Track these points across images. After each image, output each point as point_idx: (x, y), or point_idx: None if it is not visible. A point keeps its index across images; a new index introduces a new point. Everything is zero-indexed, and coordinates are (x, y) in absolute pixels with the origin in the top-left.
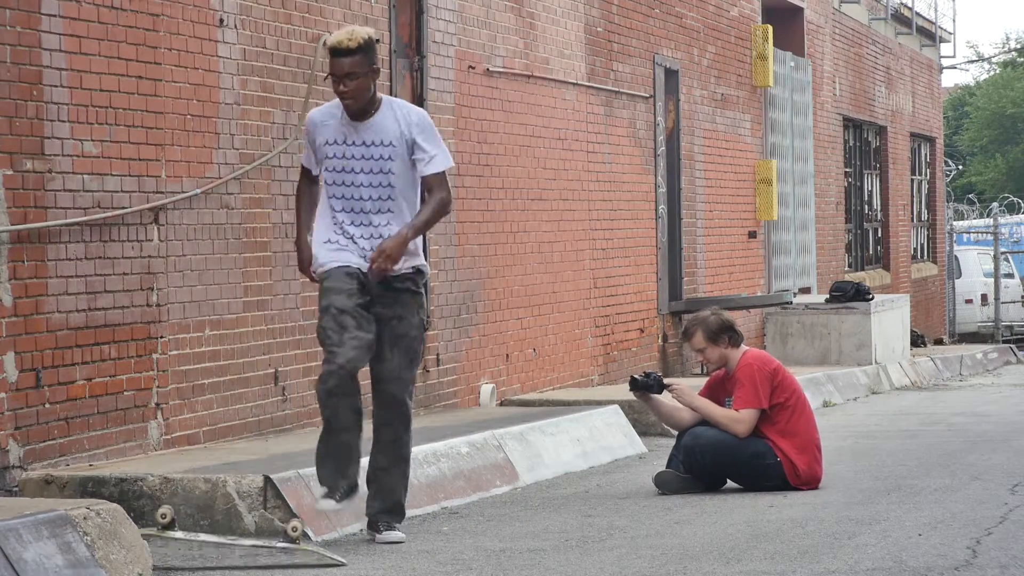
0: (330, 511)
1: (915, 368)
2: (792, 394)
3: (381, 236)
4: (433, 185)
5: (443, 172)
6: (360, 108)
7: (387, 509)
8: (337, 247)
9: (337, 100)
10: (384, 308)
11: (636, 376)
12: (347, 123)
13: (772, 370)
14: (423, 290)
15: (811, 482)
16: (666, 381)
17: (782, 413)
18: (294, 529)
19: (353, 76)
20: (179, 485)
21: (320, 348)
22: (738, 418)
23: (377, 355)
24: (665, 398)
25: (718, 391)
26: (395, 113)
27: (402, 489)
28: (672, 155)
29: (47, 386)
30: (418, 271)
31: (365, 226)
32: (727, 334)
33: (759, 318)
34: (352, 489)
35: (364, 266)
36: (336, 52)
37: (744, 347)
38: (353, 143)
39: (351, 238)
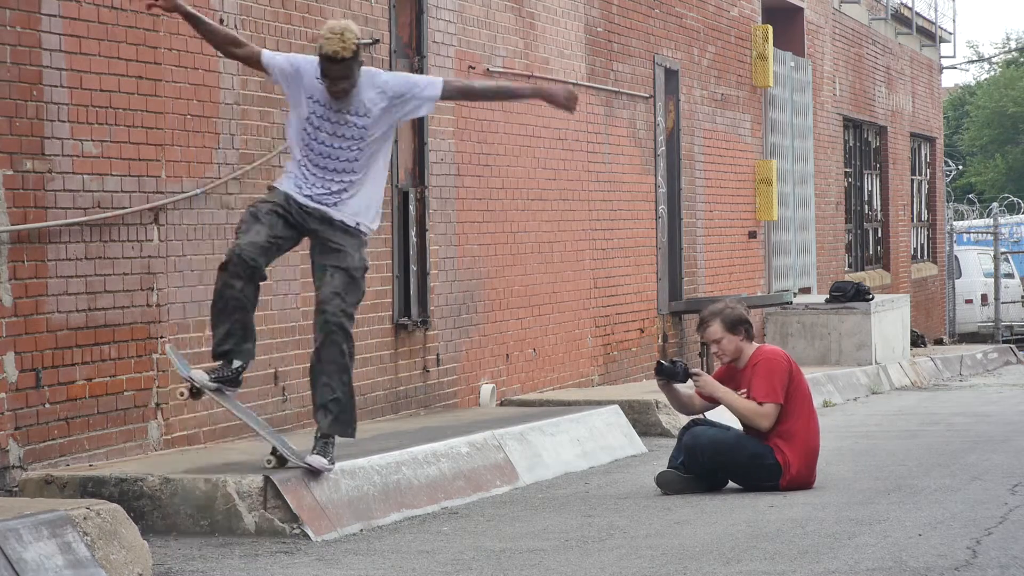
0: (199, 381)
1: (915, 368)
2: (801, 397)
3: (342, 190)
4: (457, 88)
5: (442, 83)
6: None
7: (334, 418)
8: (284, 181)
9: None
10: (327, 241)
11: (663, 362)
12: (328, 95)
13: (788, 367)
14: (363, 242)
15: (803, 487)
16: (691, 370)
17: (789, 415)
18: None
19: (346, 79)
20: (179, 485)
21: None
22: (763, 412)
23: (319, 281)
24: (683, 387)
25: (726, 384)
26: (370, 80)
27: (348, 403)
28: (672, 155)
29: (47, 386)
30: (359, 227)
31: (327, 173)
32: (744, 326)
33: (759, 318)
34: (233, 380)
35: (307, 203)
36: (331, 59)
37: (755, 343)
38: (333, 108)
39: (306, 178)
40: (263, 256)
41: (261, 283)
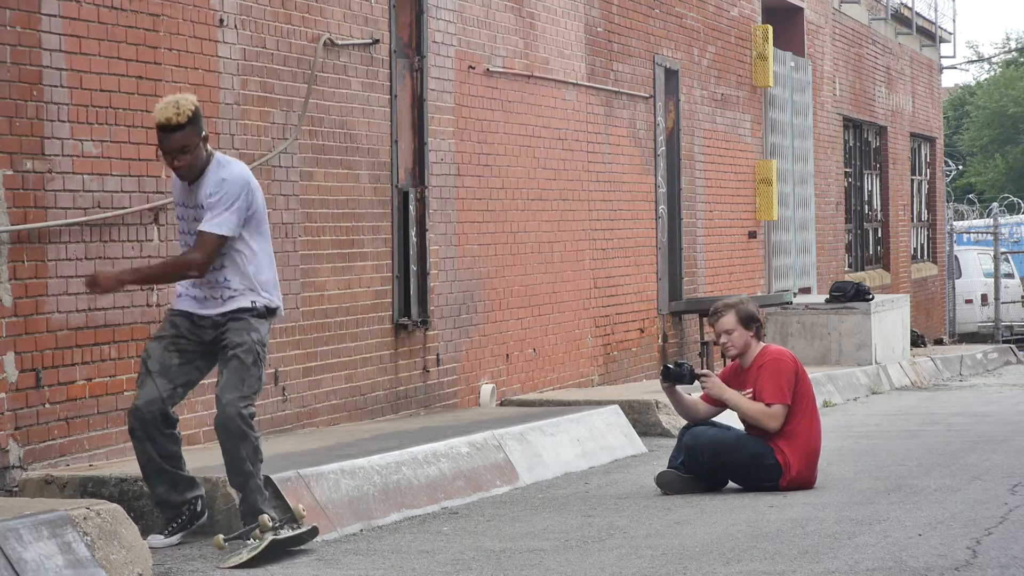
0: (160, 546)
1: (915, 368)
2: (804, 398)
3: (218, 283)
4: (196, 243)
5: (211, 234)
6: (194, 175)
7: (242, 518)
8: (176, 299)
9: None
10: (223, 340)
11: (669, 366)
12: (184, 186)
13: (795, 368)
14: (255, 320)
15: (803, 487)
16: (697, 372)
17: (792, 416)
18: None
19: (186, 150)
20: None
21: (318, 350)
22: (771, 413)
23: (219, 382)
24: (687, 393)
25: (729, 383)
26: (210, 174)
27: (251, 496)
28: (672, 155)
29: (47, 386)
30: (240, 310)
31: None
32: (756, 324)
33: None
34: (185, 518)
35: (196, 309)
36: (165, 128)
37: (762, 343)
38: (189, 205)
39: (183, 294)
40: (169, 401)
41: (173, 430)
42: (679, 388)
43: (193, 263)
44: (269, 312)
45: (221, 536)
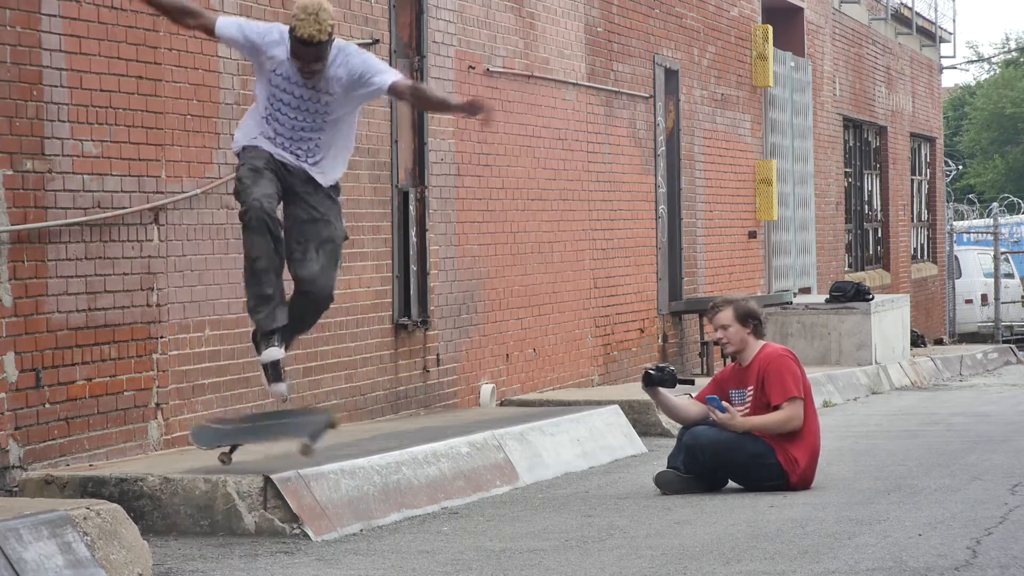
0: (276, 359)
1: (915, 368)
2: (806, 397)
3: (309, 157)
4: (403, 89)
5: (390, 85)
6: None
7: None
8: (259, 137)
9: (286, 29)
10: (310, 207)
11: (651, 371)
12: (299, 75)
13: (798, 362)
14: (341, 206)
15: (805, 485)
16: (714, 417)
17: None
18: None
19: (321, 60)
20: (179, 485)
21: (318, 350)
22: (789, 416)
23: (302, 257)
24: (671, 394)
25: (727, 384)
26: (338, 59)
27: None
28: (672, 155)
29: (47, 386)
30: (338, 187)
31: (296, 137)
32: (754, 321)
33: None
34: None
35: (285, 157)
36: (307, 43)
37: (762, 342)
38: (300, 84)
39: (279, 143)
40: (277, 204)
41: (280, 245)
42: (663, 391)
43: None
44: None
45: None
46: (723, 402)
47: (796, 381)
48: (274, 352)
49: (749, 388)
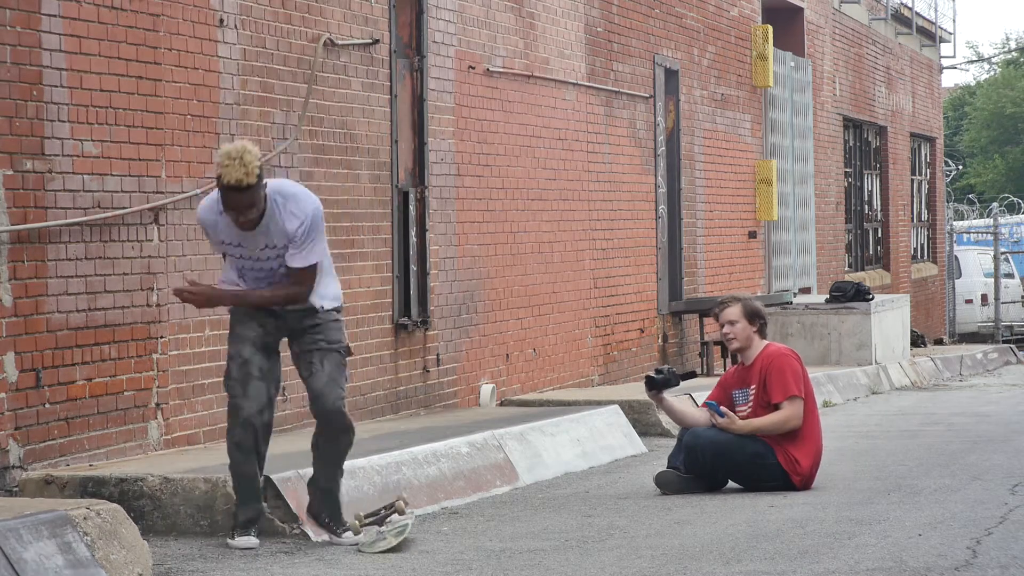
0: (247, 548)
1: (915, 368)
2: (808, 397)
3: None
4: (296, 278)
5: (310, 267)
6: (255, 224)
7: (334, 516)
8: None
9: (218, 196)
10: (307, 334)
11: (653, 375)
12: (232, 225)
13: (800, 363)
14: (336, 318)
15: (807, 485)
16: (715, 420)
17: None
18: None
19: (253, 206)
20: (179, 485)
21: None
22: (787, 417)
23: (308, 371)
24: (675, 399)
25: (730, 384)
26: (279, 212)
27: (339, 490)
28: (672, 155)
29: (47, 386)
30: (323, 309)
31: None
32: (760, 320)
33: None
34: (257, 519)
35: (276, 309)
36: (235, 189)
37: (766, 341)
38: (246, 246)
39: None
40: (269, 410)
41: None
42: (667, 395)
43: (299, 296)
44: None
45: (360, 515)
46: (721, 407)
47: (797, 380)
48: (250, 541)
49: (752, 387)
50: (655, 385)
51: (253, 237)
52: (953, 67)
